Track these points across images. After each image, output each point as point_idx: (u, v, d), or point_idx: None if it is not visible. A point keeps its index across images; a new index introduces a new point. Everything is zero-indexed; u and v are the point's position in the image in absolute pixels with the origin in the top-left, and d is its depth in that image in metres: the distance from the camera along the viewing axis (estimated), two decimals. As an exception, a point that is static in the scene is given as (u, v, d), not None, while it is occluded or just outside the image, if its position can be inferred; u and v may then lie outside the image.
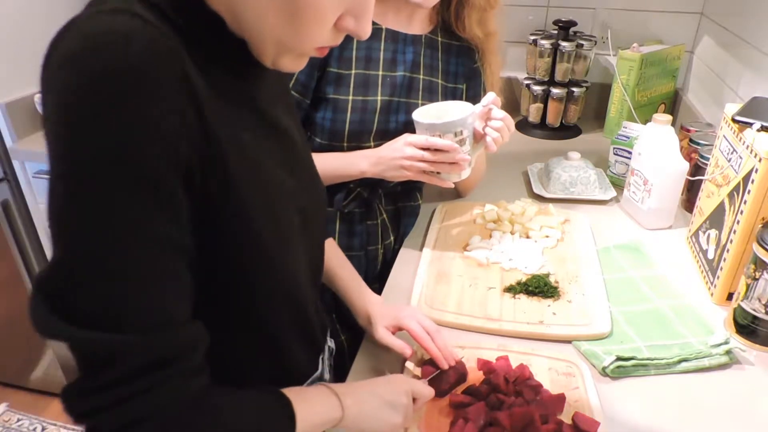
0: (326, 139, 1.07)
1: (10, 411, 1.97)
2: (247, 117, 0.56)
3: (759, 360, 0.89)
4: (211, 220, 0.51)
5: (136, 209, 0.44)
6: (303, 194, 0.65)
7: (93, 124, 0.42)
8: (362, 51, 1.05)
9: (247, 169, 0.54)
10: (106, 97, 0.42)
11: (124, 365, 0.45)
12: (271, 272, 0.59)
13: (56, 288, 0.45)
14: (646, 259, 1.12)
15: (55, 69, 0.43)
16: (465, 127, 1.00)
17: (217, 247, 0.53)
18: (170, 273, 0.47)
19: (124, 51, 0.42)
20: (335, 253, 0.90)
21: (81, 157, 0.43)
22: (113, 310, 0.45)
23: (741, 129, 0.99)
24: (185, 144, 0.46)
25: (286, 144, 0.64)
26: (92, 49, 0.42)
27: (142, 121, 0.43)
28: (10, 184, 1.72)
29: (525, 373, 0.81)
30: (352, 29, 0.54)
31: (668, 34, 1.74)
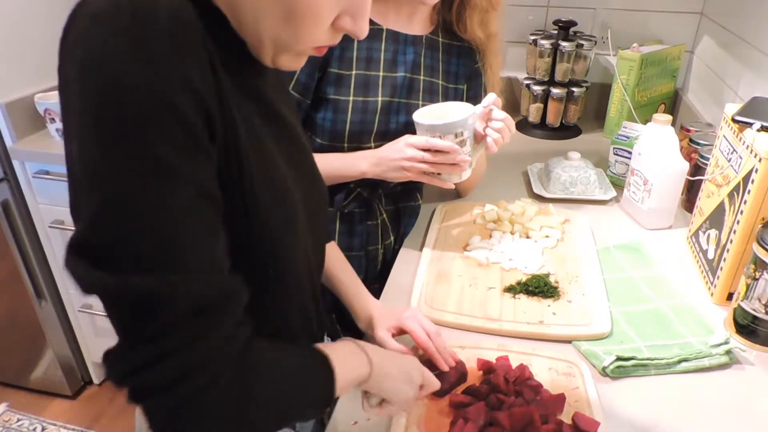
0: (327, 140, 1.07)
1: (10, 411, 1.97)
2: (256, 107, 0.57)
3: (759, 360, 0.89)
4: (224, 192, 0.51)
5: (173, 153, 0.44)
6: (306, 187, 0.65)
7: (127, 73, 0.42)
8: (363, 51, 1.05)
9: (260, 153, 0.54)
10: (137, 47, 0.43)
11: (169, 311, 0.44)
12: (273, 256, 0.59)
13: (96, 243, 0.44)
14: (646, 259, 1.12)
15: (82, 31, 0.44)
16: (465, 128, 1.00)
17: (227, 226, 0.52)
18: (210, 220, 0.47)
19: (152, 10, 0.43)
20: (336, 255, 0.90)
21: (116, 105, 0.43)
22: (158, 252, 0.44)
23: (741, 129, 0.99)
24: (210, 101, 0.47)
25: (291, 138, 0.64)
26: (119, 7, 0.43)
27: (173, 70, 0.44)
28: (10, 184, 1.72)
29: (525, 373, 0.81)
30: (349, 29, 0.54)
31: (668, 34, 1.74)
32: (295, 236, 0.61)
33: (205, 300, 0.46)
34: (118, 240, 0.44)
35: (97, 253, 0.44)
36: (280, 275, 0.61)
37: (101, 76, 0.43)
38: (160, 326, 0.44)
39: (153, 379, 0.45)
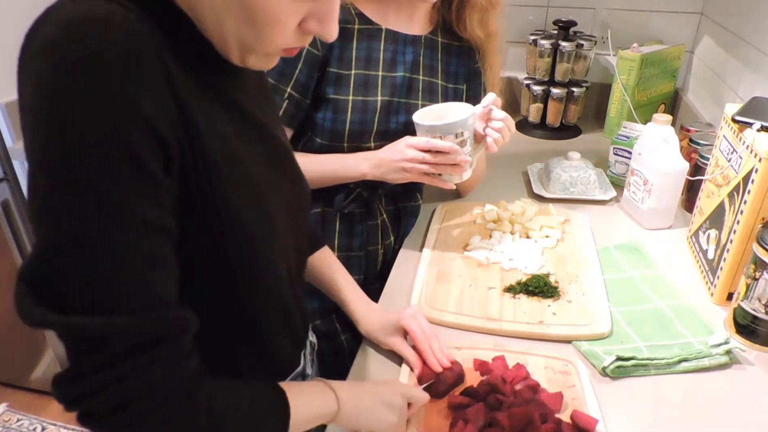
0: (326, 140, 1.07)
1: (10, 411, 1.97)
2: (225, 113, 0.56)
3: (759, 360, 0.89)
4: (193, 207, 0.51)
5: (118, 190, 0.44)
6: (285, 190, 0.65)
7: (73, 108, 0.42)
8: (362, 51, 1.05)
9: (229, 160, 0.54)
10: (84, 81, 0.42)
11: (112, 347, 0.45)
12: (254, 262, 0.59)
13: (41, 276, 0.45)
14: (646, 259, 1.12)
15: (33, 57, 0.44)
16: (465, 129, 1.00)
17: (200, 235, 0.53)
18: (155, 254, 0.47)
19: (102, 35, 0.43)
20: (331, 260, 0.91)
21: (62, 141, 0.43)
22: (99, 293, 0.45)
23: (741, 129, 0.99)
24: (164, 126, 0.46)
25: (267, 140, 0.63)
26: (70, 34, 0.43)
27: (121, 102, 0.43)
28: (10, 184, 1.72)
29: (522, 373, 0.81)
30: (316, 32, 0.54)
31: (668, 34, 1.74)
32: (273, 239, 0.61)
33: (144, 337, 0.46)
34: (59, 278, 0.44)
35: (41, 288, 0.45)
36: (259, 278, 0.61)
37: (49, 109, 0.43)
38: (100, 361, 0.45)
39: (96, 405, 0.46)
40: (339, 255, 1.15)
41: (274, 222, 0.61)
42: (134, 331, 0.46)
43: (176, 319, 0.49)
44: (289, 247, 0.66)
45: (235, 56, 0.54)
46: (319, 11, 0.52)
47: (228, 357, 0.64)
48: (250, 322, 0.64)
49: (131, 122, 0.44)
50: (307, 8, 0.52)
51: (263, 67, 0.57)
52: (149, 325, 0.46)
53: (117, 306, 0.45)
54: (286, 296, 0.68)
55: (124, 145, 0.44)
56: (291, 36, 0.53)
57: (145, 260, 0.46)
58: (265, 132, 0.63)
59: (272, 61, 0.57)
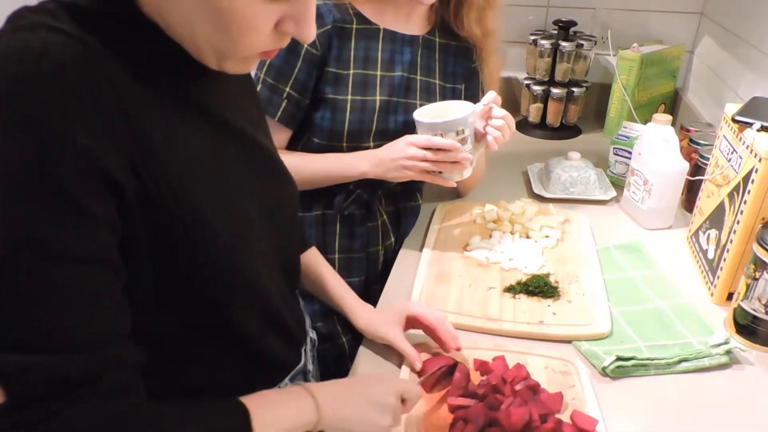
0: (325, 139, 1.07)
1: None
2: (196, 120, 0.55)
3: (759, 360, 0.89)
4: (161, 224, 0.50)
5: (48, 225, 0.43)
6: (266, 193, 0.64)
7: (3, 142, 0.42)
8: (360, 51, 1.05)
9: (197, 172, 0.53)
10: (16, 114, 0.41)
11: (31, 387, 0.44)
12: (229, 270, 0.57)
13: None
14: (646, 259, 1.12)
15: None
16: (466, 126, 1.00)
17: (172, 250, 0.52)
18: (85, 291, 0.46)
19: (37, 68, 0.42)
20: (319, 260, 0.90)
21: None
22: (20, 330, 0.43)
23: (741, 129, 0.99)
24: (108, 156, 0.45)
25: (243, 144, 0.62)
26: (4, 67, 0.42)
27: (53, 137, 0.42)
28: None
29: (522, 373, 0.81)
30: (293, 33, 0.52)
31: (668, 34, 1.74)
32: (247, 245, 0.59)
33: (66, 377, 0.45)
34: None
35: None
36: (237, 285, 0.59)
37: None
38: (20, 400, 0.44)
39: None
40: (340, 257, 1.15)
41: (248, 228, 0.60)
42: (52, 373, 0.44)
43: (105, 358, 0.47)
44: (269, 249, 0.64)
45: (212, 62, 0.53)
46: (294, 13, 0.51)
47: (221, 366, 0.63)
48: (237, 329, 0.62)
49: (64, 157, 0.42)
50: (282, 10, 0.50)
51: (242, 71, 0.56)
52: (70, 367, 0.45)
53: (37, 345, 0.44)
54: (271, 297, 0.66)
55: (55, 182, 0.42)
56: (267, 39, 0.51)
57: (71, 298, 0.45)
58: (240, 134, 0.61)
59: (250, 65, 0.56)
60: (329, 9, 1.02)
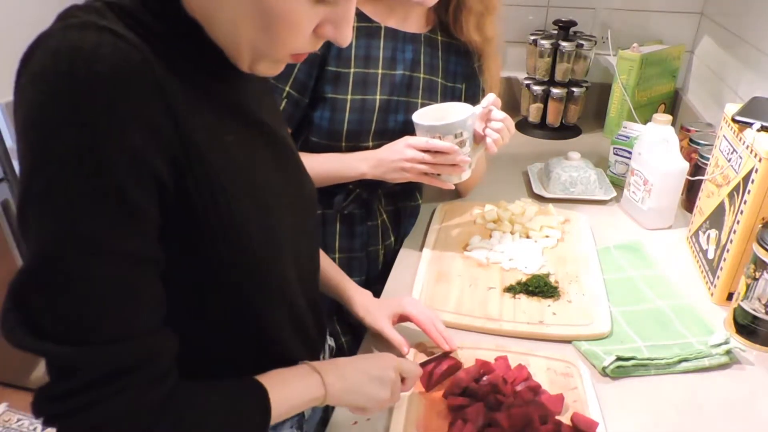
0: (324, 139, 1.06)
1: (10, 411, 1.97)
2: (231, 120, 0.57)
3: (759, 360, 0.89)
4: (198, 224, 0.52)
5: (99, 222, 0.44)
6: (293, 192, 0.65)
7: (58, 140, 0.43)
8: (361, 50, 1.05)
9: (233, 171, 0.54)
10: (71, 113, 0.42)
11: (80, 376, 0.46)
12: (261, 271, 0.59)
13: (23, 297, 0.46)
14: (646, 259, 1.12)
15: (24, 86, 0.44)
16: (465, 129, 1.00)
17: (207, 248, 0.53)
18: (131, 285, 0.48)
19: (90, 67, 0.43)
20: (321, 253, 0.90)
21: (47, 171, 0.43)
22: (71, 323, 0.46)
23: (741, 129, 0.99)
24: (155, 155, 0.46)
25: (273, 143, 0.64)
26: (58, 65, 0.43)
27: (107, 135, 0.43)
28: (10, 184, 1.72)
29: (523, 374, 0.81)
30: (331, 37, 0.54)
31: (668, 34, 1.74)
32: (280, 249, 0.61)
33: (115, 367, 0.47)
34: (36, 303, 0.45)
35: (26, 306, 0.46)
36: (268, 288, 0.61)
37: (35, 140, 0.43)
38: (70, 388, 0.46)
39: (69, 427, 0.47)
40: (340, 257, 1.15)
41: (280, 230, 0.61)
42: (101, 362, 0.47)
43: (147, 348, 0.49)
44: (299, 252, 0.66)
45: (245, 63, 0.54)
46: (335, 16, 0.53)
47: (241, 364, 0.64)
48: (262, 329, 0.64)
49: (117, 154, 0.44)
50: (324, 13, 0.52)
51: (272, 74, 0.57)
52: (118, 357, 0.47)
53: (87, 337, 0.46)
54: (297, 299, 0.68)
55: (108, 178, 0.44)
56: (305, 41, 0.53)
57: (119, 292, 0.47)
58: (272, 135, 0.63)
59: (280, 68, 0.57)
60: None
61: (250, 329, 0.63)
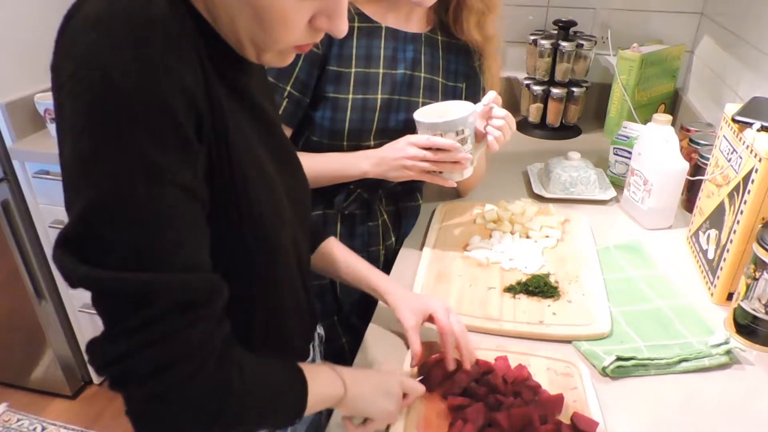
0: (326, 138, 1.06)
1: (10, 411, 1.97)
2: (240, 103, 0.58)
3: (759, 360, 0.89)
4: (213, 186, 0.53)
5: (163, 155, 0.46)
6: (291, 182, 0.67)
7: (121, 77, 0.44)
8: (362, 49, 1.05)
9: (245, 142, 0.56)
10: (131, 52, 0.44)
11: (155, 304, 0.46)
12: (268, 243, 0.60)
13: (83, 238, 0.46)
14: (646, 259, 1.12)
15: (77, 32, 0.45)
16: (466, 126, 1.00)
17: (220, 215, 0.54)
18: (193, 219, 0.49)
19: (145, 10, 0.45)
20: (343, 247, 0.91)
21: (110, 107, 0.44)
22: (144, 251, 0.46)
23: (741, 129, 0.99)
24: (200, 99, 0.48)
25: (274, 134, 0.66)
26: (114, 9, 0.45)
27: (166, 72, 0.45)
28: (10, 184, 1.72)
29: (523, 374, 0.81)
30: (326, 28, 0.55)
31: (668, 34, 1.74)
32: (281, 225, 0.63)
33: (190, 296, 0.48)
34: (106, 237, 0.45)
35: (86, 249, 0.46)
36: (272, 263, 0.63)
37: (96, 76, 0.44)
38: (146, 318, 0.46)
39: (137, 365, 0.47)
40: (340, 256, 1.15)
41: (281, 210, 0.63)
42: (179, 290, 0.47)
43: (213, 284, 0.50)
44: (297, 236, 0.68)
45: (252, 54, 0.56)
46: (327, 8, 0.54)
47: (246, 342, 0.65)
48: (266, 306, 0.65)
49: (175, 91, 0.46)
50: (316, 6, 0.53)
51: (280, 64, 0.59)
52: (192, 286, 0.48)
53: (162, 264, 0.46)
54: (296, 284, 0.69)
55: (169, 113, 0.46)
56: (301, 33, 0.54)
57: (185, 224, 0.48)
58: (271, 125, 0.65)
59: (287, 59, 0.58)
60: None
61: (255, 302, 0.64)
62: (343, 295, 1.16)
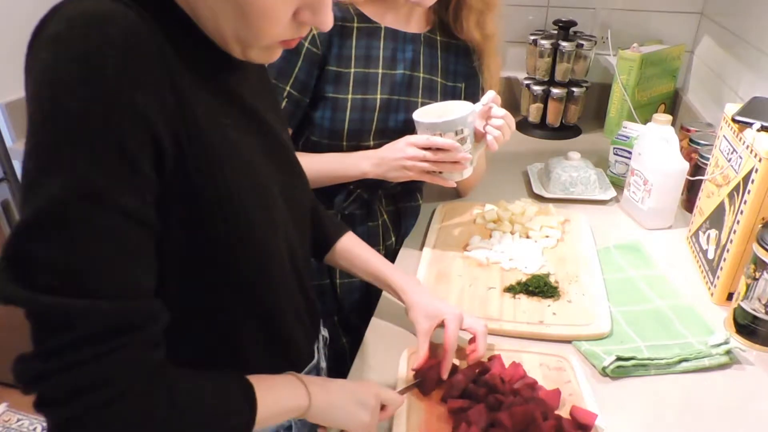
0: (325, 139, 1.06)
1: (10, 411, 1.97)
2: (228, 105, 0.58)
3: (759, 360, 0.89)
4: (197, 196, 0.52)
5: (103, 178, 0.45)
6: (286, 181, 0.66)
7: (69, 97, 0.44)
8: (361, 50, 1.05)
9: (230, 152, 0.55)
10: (83, 72, 0.44)
11: (79, 329, 0.45)
12: (254, 246, 0.59)
13: (16, 256, 0.45)
14: (646, 259, 1.12)
15: (38, 51, 0.46)
16: (465, 126, 1.00)
17: (206, 223, 0.54)
18: (130, 244, 0.48)
19: (103, 30, 0.45)
20: (361, 242, 0.91)
21: (54, 126, 0.44)
22: (70, 275, 0.45)
23: (741, 129, 0.99)
24: (158, 122, 0.48)
25: (266, 133, 0.64)
26: (73, 29, 0.45)
27: (116, 95, 0.45)
28: (10, 184, 1.72)
29: (520, 372, 0.81)
30: (310, 22, 0.54)
31: (668, 34, 1.74)
32: (275, 229, 0.62)
33: (112, 323, 0.47)
34: (36, 257, 0.45)
35: (16, 267, 0.45)
36: (265, 267, 0.62)
37: (45, 97, 0.44)
38: (63, 343, 0.45)
39: (57, 387, 0.46)
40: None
41: (274, 213, 0.62)
42: (100, 316, 0.46)
43: (144, 309, 0.49)
44: (292, 239, 0.67)
45: (237, 51, 0.55)
46: (311, 1, 0.53)
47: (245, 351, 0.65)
48: (262, 313, 0.64)
49: (124, 115, 0.45)
50: (298, 0, 0.52)
51: (266, 61, 0.58)
52: (116, 312, 0.47)
53: (86, 290, 0.46)
54: (290, 282, 0.68)
55: (114, 136, 0.45)
56: (286, 28, 0.54)
57: (119, 249, 0.47)
58: (264, 125, 0.64)
59: (274, 54, 0.58)
60: None
61: (247, 308, 0.63)
62: (343, 295, 1.16)
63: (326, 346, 0.87)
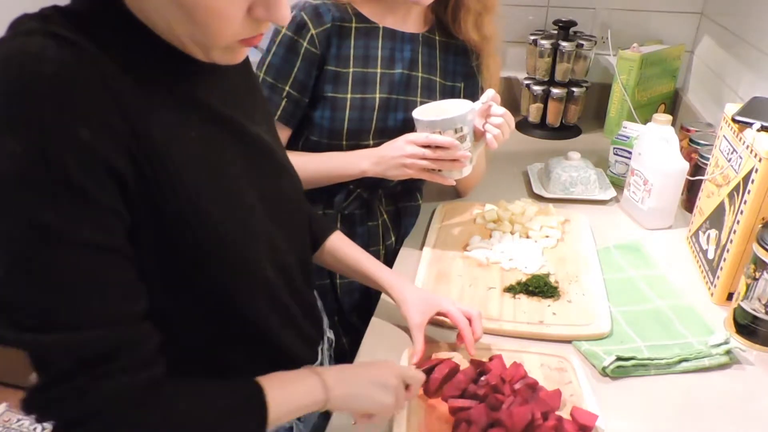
0: (325, 138, 1.07)
1: (10, 411, 1.97)
2: (195, 116, 0.57)
3: (759, 360, 0.89)
4: (160, 215, 0.52)
5: (56, 216, 0.45)
6: (265, 184, 0.65)
7: (8, 138, 0.44)
8: (360, 49, 1.05)
9: (197, 166, 0.55)
10: (20, 114, 0.44)
11: (59, 365, 0.47)
12: (232, 257, 0.59)
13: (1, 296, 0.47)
14: (646, 259, 1.12)
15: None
16: (465, 124, 1.01)
17: (175, 238, 0.54)
18: (100, 274, 0.49)
19: (36, 69, 0.45)
20: (349, 242, 0.91)
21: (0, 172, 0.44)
22: (45, 313, 0.46)
23: (741, 129, 0.99)
24: (108, 150, 0.47)
25: (241, 140, 0.63)
26: (6, 71, 0.45)
27: (56, 131, 0.45)
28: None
29: (520, 372, 0.81)
30: (266, 17, 0.53)
31: (668, 34, 1.74)
32: (251, 238, 0.61)
33: (94, 354, 0.48)
34: (10, 300, 0.47)
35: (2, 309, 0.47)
36: (243, 278, 0.61)
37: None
38: (53, 377, 0.48)
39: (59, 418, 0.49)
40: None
41: (251, 221, 0.61)
42: (74, 349, 0.47)
43: (125, 335, 0.50)
44: (276, 243, 0.66)
45: (199, 54, 0.54)
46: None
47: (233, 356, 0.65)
48: (245, 319, 0.64)
49: (67, 150, 0.45)
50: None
51: (231, 61, 0.57)
52: (91, 343, 0.48)
53: (59, 326, 0.47)
54: (278, 289, 0.67)
55: (59, 173, 0.45)
56: (242, 27, 0.52)
57: (87, 280, 0.48)
58: (241, 132, 0.62)
59: (238, 55, 0.56)
60: (328, 8, 1.02)
61: (234, 319, 0.63)
62: (343, 295, 1.16)
63: (332, 347, 0.86)
